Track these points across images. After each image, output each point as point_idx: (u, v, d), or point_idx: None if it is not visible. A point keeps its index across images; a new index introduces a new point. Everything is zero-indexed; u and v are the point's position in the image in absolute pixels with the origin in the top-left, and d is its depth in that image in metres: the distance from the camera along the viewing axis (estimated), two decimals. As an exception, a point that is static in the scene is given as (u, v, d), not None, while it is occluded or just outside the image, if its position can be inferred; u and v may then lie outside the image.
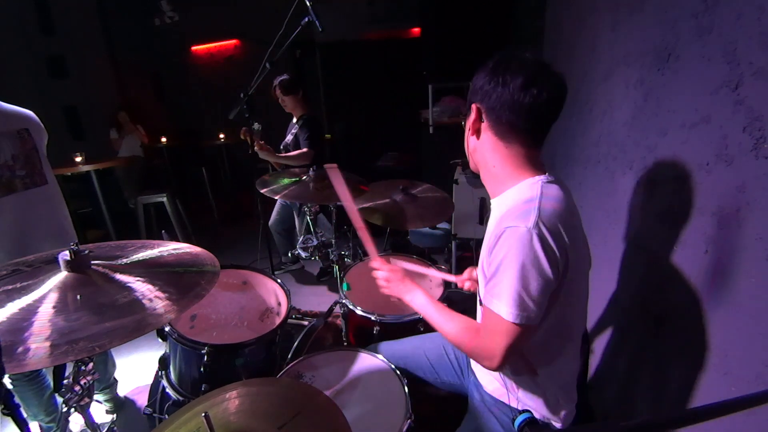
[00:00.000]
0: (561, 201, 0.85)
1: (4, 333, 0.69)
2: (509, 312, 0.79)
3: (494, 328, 0.83)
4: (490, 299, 0.82)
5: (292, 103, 2.74)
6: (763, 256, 0.72)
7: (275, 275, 1.61)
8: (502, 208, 0.90)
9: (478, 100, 0.90)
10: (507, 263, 0.79)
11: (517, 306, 0.79)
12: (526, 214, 0.80)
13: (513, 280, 0.78)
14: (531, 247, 0.77)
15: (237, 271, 1.61)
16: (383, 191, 1.88)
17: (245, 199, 5.19)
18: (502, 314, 0.80)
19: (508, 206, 0.87)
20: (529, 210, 0.80)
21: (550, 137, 0.91)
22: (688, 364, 0.96)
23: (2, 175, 1.42)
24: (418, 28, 4.48)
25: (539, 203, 0.82)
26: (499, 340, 0.82)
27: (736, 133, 0.80)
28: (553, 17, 2.65)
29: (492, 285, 0.82)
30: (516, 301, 0.78)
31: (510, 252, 0.79)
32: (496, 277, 0.81)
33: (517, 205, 0.84)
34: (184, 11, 5.02)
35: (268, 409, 0.85)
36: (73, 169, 3.42)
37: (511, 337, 0.81)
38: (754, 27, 0.77)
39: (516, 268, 0.78)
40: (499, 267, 0.81)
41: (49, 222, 1.57)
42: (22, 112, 1.53)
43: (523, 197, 0.85)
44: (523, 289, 0.78)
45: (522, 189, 0.88)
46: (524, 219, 0.79)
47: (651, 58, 1.20)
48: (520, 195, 0.87)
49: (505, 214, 0.84)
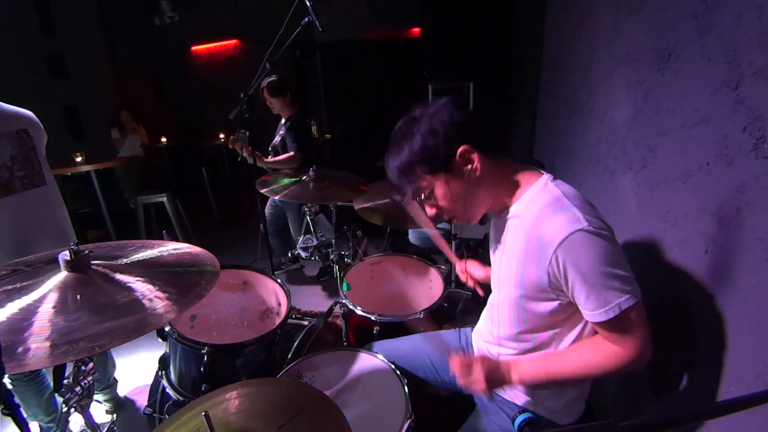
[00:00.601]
0: (577, 191, 0.87)
1: (4, 333, 0.69)
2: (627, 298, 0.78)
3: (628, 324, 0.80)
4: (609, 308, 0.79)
5: (280, 105, 2.73)
6: (763, 256, 0.72)
7: (275, 275, 1.62)
8: (525, 219, 0.89)
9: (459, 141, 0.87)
10: (596, 271, 0.78)
11: (628, 286, 0.78)
12: (572, 216, 0.80)
13: (611, 273, 0.78)
14: (598, 240, 0.78)
15: (237, 271, 1.62)
16: (383, 191, 1.88)
17: (245, 199, 5.19)
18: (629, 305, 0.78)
19: (534, 214, 0.86)
20: (570, 211, 0.81)
21: (550, 137, 0.91)
22: (687, 364, 0.96)
23: (1, 176, 1.42)
24: (418, 28, 4.48)
25: (570, 202, 0.82)
26: (639, 329, 0.80)
27: (736, 133, 0.80)
28: (553, 17, 2.65)
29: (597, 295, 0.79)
30: (624, 283, 0.78)
31: (590, 260, 0.78)
32: (596, 288, 0.79)
33: (544, 210, 0.84)
34: (184, 11, 5.02)
35: (268, 409, 0.85)
36: (73, 169, 3.42)
37: (643, 317, 0.80)
38: (754, 27, 0.76)
39: (604, 266, 0.77)
40: (592, 279, 0.78)
41: (49, 223, 1.57)
42: (21, 113, 1.53)
43: (545, 200, 0.86)
44: (621, 272, 0.78)
45: (536, 193, 0.89)
46: (575, 222, 0.79)
47: (651, 58, 1.20)
48: (540, 199, 0.87)
49: (544, 226, 0.83)
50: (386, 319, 1.43)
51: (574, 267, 0.79)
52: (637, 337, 0.80)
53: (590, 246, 0.78)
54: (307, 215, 2.19)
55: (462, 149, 0.87)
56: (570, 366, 0.88)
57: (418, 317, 1.43)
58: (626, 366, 0.83)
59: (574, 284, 0.81)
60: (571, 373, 0.88)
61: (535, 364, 0.91)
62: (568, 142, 2.12)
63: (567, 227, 0.79)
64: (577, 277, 0.79)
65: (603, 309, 0.79)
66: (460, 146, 0.87)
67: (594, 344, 0.87)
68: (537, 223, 0.84)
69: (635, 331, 0.80)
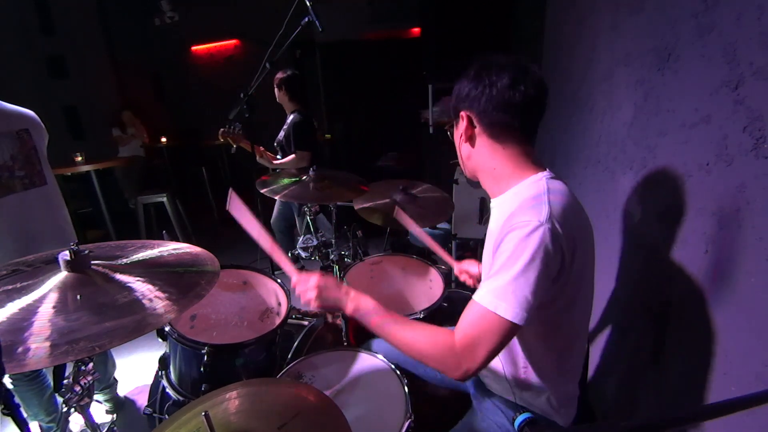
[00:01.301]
0: (567, 195, 0.85)
1: (4, 333, 0.69)
2: (511, 311, 0.74)
3: (485, 326, 0.77)
4: (488, 296, 0.77)
5: (286, 98, 2.74)
6: (763, 256, 0.72)
7: (275, 275, 1.61)
8: (507, 207, 0.88)
9: (466, 107, 0.91)
10: (515, 259, 0.75)
11: (521, 306, 0.74)
12: (537, 208, 0.79)
13: (520, 278, 0.75)
14: (542, 241, 0.75)
15: (237, 271, 1.61)
16: (383, 191, 1.88)
17: (245, 199, 5.18)
18: (499, 312, 0.75)
19: (515, 204, 0.84)
20: (539, 204, 0.79)
21: (550, 137, 0.91)
22: (687, 364, 0.96)
23: (1, 176, 1.42)
24: (418, 28, 4.48)
25: (548, 198, 0.81)
26: (487, 340, 0.76)
27: (736, 133, 0.80)
28: (553, 17, 2.65)
29: (493, 281, 0.77)
30: (520, 300, 0.74)
31: (519, 247, 0.75)
32: (500, 274, 0.77)
33: (524, 201, 0.83)
34: (184, 11, 5.02)
35: (268, 409, 0.85)
36: (73, 169, 3.42)
37: (503, 336, 0.76)
38: (754, 27, 0.77)
39: (524, 265, 0.75)
40: (506, 263, 0.76)
41: (49, 222, 1.57)
42: (22, 112, 1.53)
43: (530, 194, 0.84)
44: (528, 288, 0.74)
45: (526, 186, 0.88)
46: (536, 214, 0.77)
47: (651, 58, 1.20)
48: (526, 192, 0.86)
49: (513, 212, 0.82)
50: (386, 319, 1.43)
51: (505, 243, 0.78)
52: (477, 347, 0.77)
53: (529, 237, 0.75)
54: (307, 215, 2.18)
55: (464, 113, 0.91)
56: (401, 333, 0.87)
57: (419, 317, 1.43)
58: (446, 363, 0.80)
59: (496, 257, 0.80)
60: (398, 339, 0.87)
61: (376, 309, 0.91)
62: (568, 142, 2.12)
63: (525, 217, 0.78)
64: (501, 253, 0.78)
65: (484, 290, 0.78)
66: (466, 108, 0.90)
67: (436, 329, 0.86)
68: (510, 215, 0.82)
69: (481, 341, 0.77)
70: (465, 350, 0.78)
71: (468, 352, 0.78)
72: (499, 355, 1.06)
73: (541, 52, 2.80)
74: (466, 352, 0.78)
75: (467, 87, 0.90)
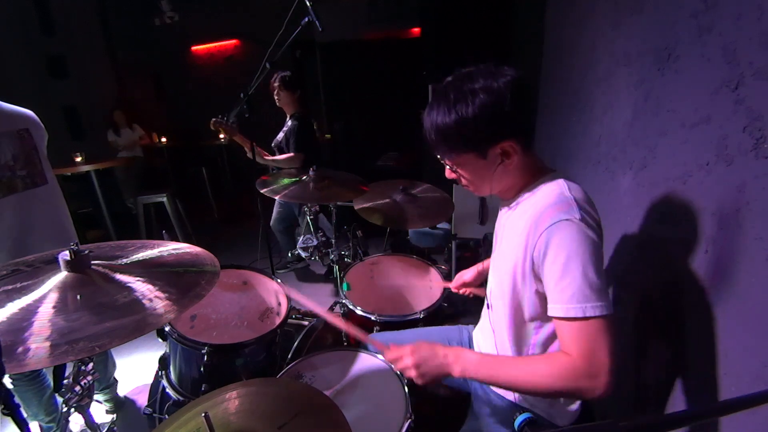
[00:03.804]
0: (585, 193, 0.87)
1: (4, 333, 0.69)
2: (599, 307, 0.74)
3: (589, 334, 0.75)
4: (572, 308, 0.75)
5: (287, 100, 2.75)
6: (763, 256, 0.72)
7: (275, 276, 1.61)
8: (528, 209, 0.88)
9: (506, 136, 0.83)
10: (574, 259, 0.75)
11: (603, 296, 0.75)
12: (568, 207, 0.79)
13: (588, 274, 0.75)
14: (587, 235, 0.76)
15: (237, 271, 1.61)
16: (383, 191, 1.88)
17: (245, 199, 5.19)
18: (593, 314, 0.74)
19: (538, 206, 0.84)
20: (569, 203, 0.80)
21: (550, 137, 0.92)
22: (687, 364, 0.96)
23: (3, 176, 1.42)
24: (418, 28, 4.48)
25: (573, 196, 0.82)
26: (600, 343, 0.74)
27: (736, 133, 0.80)
28: (553, 17, 2.65)
29: (567, 289, 0.76)
30: (599, 293, 0.75)
31: (572, 247, 0.75)
32: (566, 279, 0.76)
33: (549, 203, 0.83)
34: (184, 11, 5.03)
35: (268, 409, 0.85)
36: (73, 169, 3.42)
37: (608, 332, 0.75)
38: (754, 27, 0.76)
39: (583, 261, 0.75)
40: (566, 267, 0.76)
41: (50, 222, 1.57)
42: (22, 112, 1.53)
43: (553, 194, 0.85)
44: (598, 278, 0.75)
45: (546, 188, 0.88)
46: (569, 212, 0.78)
47: (651, 58, 1.20)
48: (549, 193, 0.86)
49: (540, 214, 0.81)
50: (386, 319, 1.43)
51: (555, 249, 0.77)
52: (594, 350, 0.74)
53: (576, 234, 0.76)
54: (307, 215, 2.19)
55: (506, 145, 0.84)
56: (521, 372, 0.82)
57: (418, 317, 1.43)
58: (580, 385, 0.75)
59: (550, 267, 0.79)
60: (520, 381, 0.82)
61: (483, 361, 0.86)
62: (568, 142, 2.12)
63: (560, 214, 0.78)
64: (555, 261, 0.77)
65: (566, 304, 0.76)
66: (505, 140, 0.83)
67: (550, 355, 0.85)
68: (537, 214, 0.83)
69: (594, 345, 0.74)
70: (589, 366, 0.75)
71: (591, 365, 0.75)
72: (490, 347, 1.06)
73: (541, 52, 2.80)
74: (591, 367, 0.75)
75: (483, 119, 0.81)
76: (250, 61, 3.42)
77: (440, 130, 0.86)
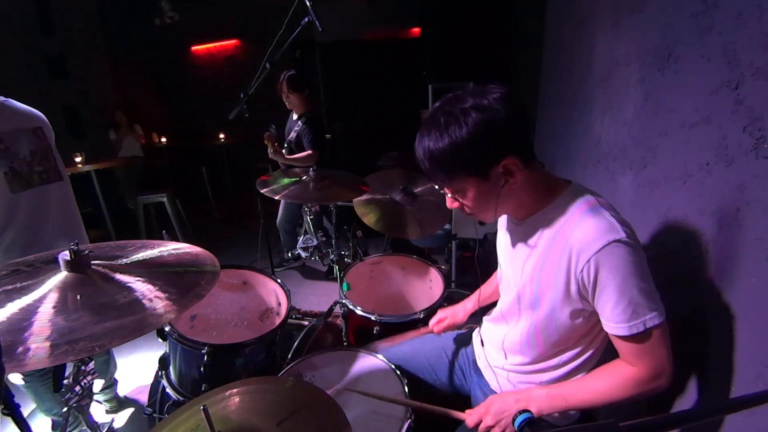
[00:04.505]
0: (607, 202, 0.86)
1: (4, 333, 0.69)
2: (657, 316, 0.77)
3: (650, 345, 0.78)
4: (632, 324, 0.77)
5: (297, 101, 2.76)
6: (763, 256, 0.72)
7: (275, 275, 1.62)
8: (554, 224, 0.85)
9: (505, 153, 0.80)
10: (629, 280, 0.76)
11: (657, 303, 0.77)
12: (609, 227, 0.78)
13: (643, 286, 0.77)
14: (635, 252, 0.77)
15: (237, 271, 1.62)
16: (384, 191, 1.88)
17: (245, 199, 5.19)
18: (651, 324, 0.76)
19: (576, 227, 0.81)
20: (609, 222, 0.79)
21: (550, 137, 0.91)
22: (687, 364, 0.96)
23: (21, 170, 1.46)
24: (418, 28, 4.48)
25: (604, 209, 0.81)
26: (660, 348, 0.78)
27: (736, 133, 0.80)
28: (553, 17, 2.65)
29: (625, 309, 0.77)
30: (653, 302, 0.77)
31: (626, 269, 0.76)
32: (625, 300, 0.77)
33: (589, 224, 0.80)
34: (184, 11, 5.02)
35: (267, 406, 0.85)
36: (73, 169, 3.42)
37: (666, 337, 0.78)
38: (754, 27, 0.76)
39: (637, 278, 0.76)
40: (624, 288, 0.76)
41: (63, 217, 1.62)
42: (34, 112, 1.58)
43: (577, 207, 0.83)
44: (650, 287, 0.78)
45: (568, 199, 0.86)
46: (613, 232, 0.77)
47: (651, 58, 1.20)
48: (572, 205, 0.84)
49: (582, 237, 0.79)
50: (386, 320, 1.43)
51: (608, 275, 0.77)
52: (657, 357, 0.78)
53: (627, 256, 0.76)
54: (307, 215, 2.19)
55: (507, 162, 0.80)
56: (589, 393, 0.84)
57: (418, 317, 1.43)
58: (647, 388, 0.80)
59: (603, 292, 0.78)
60: (592, 401, 0.84)
61: (551, 394, 0.87)
62: (568, 142, 2.12)
63: (605, 235, 0.76)
64: (608, 286, 0.77)
65: (628, 323, 0.77)
66: (505, 157, 0.80)
67: (612, 368, 0.85)
68: (568, 229, 0.82)
69: (656, 351, 0.78)
70: (653, 372, 0.79)
71: (655, 370, 0.79)
72: (500, 356, 1.06)
73: (541, 52, 2.80)
74: (654, 372, 0.79)
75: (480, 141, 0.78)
76: (250, 61, 3.43)
77: (435, 157, 0.82)
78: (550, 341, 0.93)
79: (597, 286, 0.79)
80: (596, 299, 0.81)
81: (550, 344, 0.93)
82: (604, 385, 0.84)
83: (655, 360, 0.79)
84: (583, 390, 0.86)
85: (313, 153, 2.70)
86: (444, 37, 3.73)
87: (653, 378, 0.79)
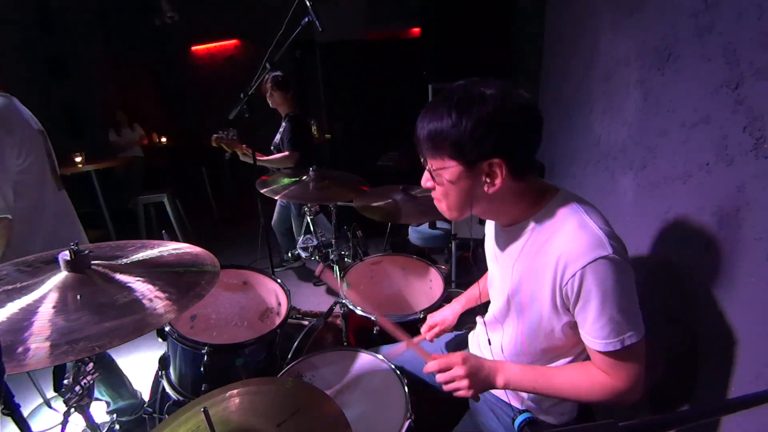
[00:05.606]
0: (598, 211, 0.84)
1: (4, 333, 0.69)
2: (636, 334, 0.77)
3: (628, 361, 0.79)
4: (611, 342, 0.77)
5: (280, 99, 2.76)
6: (763, 256, 0.72)
7: (275, 275, 1.61)
8: (549, 237, 0.83)
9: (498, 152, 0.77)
10: (611, 298, 0.76)
11: (637, 323, 0.78)
12: (597, 241, 0.76)
13: (624, 305, 0.76)
14: (622, 270, 0.76)
15: (237, 271, 1.62)
16: (384, 191, 1.88)
17: (245, 199, 5.19)
18: (630, 342, 0.77)
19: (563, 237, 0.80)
20: (597, 236, 0.77)
21: (550, 137, 0.91)
22: (687, 364, 0.96)
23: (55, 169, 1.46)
24: (418, 28, 4.48)
25: (597, 224, 0.79)
26: (636, 364, 0.80)
27: (736, 133, 0.80)
28: (553, 17, 2.65)
29: (604, 326, 0.77)
30: (635, 320, 0.78)
31: (608, 285, 0.75)
32: (605, 317, 0.77)
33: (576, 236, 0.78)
34: (184, 11, 5.02)
35: (268, 406, 0.85)
36: (73, 169, 3.43)
37: (643, 353, 0.80)
38: (754, 27, 0.76)
39: (620, 296, 0.76)
40: (604, 306, 0.76)
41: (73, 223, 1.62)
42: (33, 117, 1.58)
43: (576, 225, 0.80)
44: (632, 306, 0.78)
45: (555, 209, 0.84)
46: (601, 248, 0.75)
47: (651, 58, 1.20)
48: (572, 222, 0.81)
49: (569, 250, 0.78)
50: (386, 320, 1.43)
51: (591, 290, 0.76)
52: (630, 372, 0.80)
53: (612, 275, 0.75)
54: (307, 215, 2.19)
55: (495, 161, 0.78)
56: (558, 384, 0.87)
57: (418, 317, 1.43)
58: (613, 398, 0.82)
59: (584, 307, 0.78)
60: (558, 391, 0.87)
61: (524, 372, 0.88)
62: (568, 142, 2.12)
63: (593, 251, 0.75)
64: (590, 301, 0.77)
65: (605, 340, 0.78)
66: (496, 155, 0.77)
67: (586, 368, 0.86)
68: (555, 240, 0.81)
69: (629, 367, 0.80)
70: (626, 385, 0.81)
71: (628, 383, 0.81)
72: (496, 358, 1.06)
73: (541, 52, 2.80)
74: (626, 385, 0.81)
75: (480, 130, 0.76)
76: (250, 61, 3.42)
77: (434, 128, 0.80)
78: (540, 348, 0.93)
79: (579, 300, 0.78)
80: (577, 312, 0.81)
81: (541, 351, 0.93)
82: (576, 382, 0.86)
83: (628, 374, 0.80)
84: (555, 379, 0.87)
85: (290, 154, 2.69)
86: (444, 37, 3.73)
87: (624, 391, 0.81)
